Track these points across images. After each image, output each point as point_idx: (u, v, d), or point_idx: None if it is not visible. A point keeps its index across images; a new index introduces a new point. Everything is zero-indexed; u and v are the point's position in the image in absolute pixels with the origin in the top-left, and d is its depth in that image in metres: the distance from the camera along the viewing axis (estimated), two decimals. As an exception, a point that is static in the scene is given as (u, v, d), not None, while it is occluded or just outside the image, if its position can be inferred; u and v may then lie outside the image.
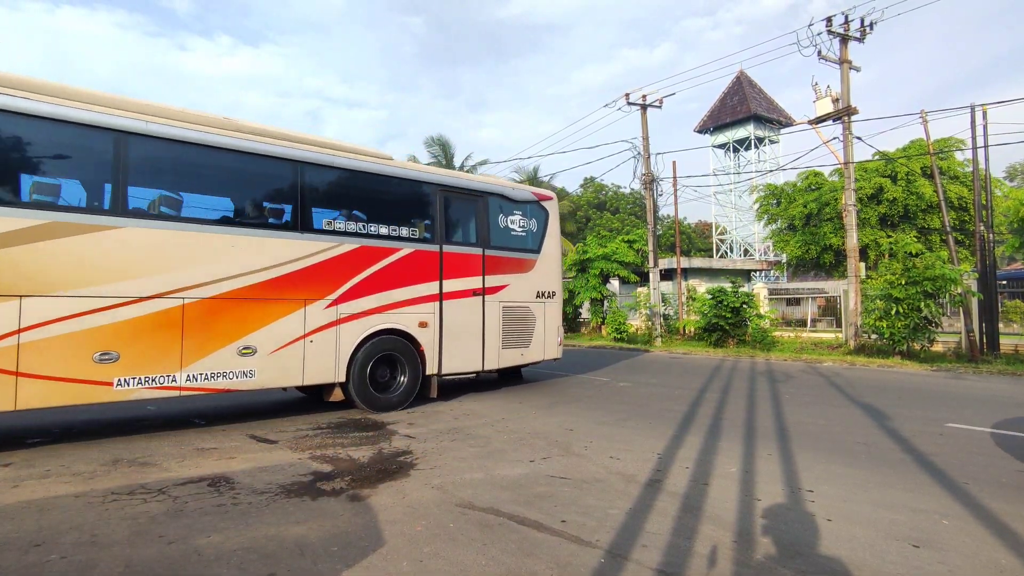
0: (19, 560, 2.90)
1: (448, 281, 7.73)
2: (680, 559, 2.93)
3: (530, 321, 8.69)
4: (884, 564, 2.86)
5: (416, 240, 7.51)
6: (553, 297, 9.08)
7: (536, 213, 8.99)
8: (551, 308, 9.04)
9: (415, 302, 7.41)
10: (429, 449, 5.25)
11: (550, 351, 9.03)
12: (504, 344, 8.33)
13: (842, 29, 14.79)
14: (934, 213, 20.10)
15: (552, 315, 9.06)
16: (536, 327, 8.76)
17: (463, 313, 7.87)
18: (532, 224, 8.89)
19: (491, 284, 8.21)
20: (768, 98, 39.86)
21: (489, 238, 8.31)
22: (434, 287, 7.60)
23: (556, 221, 9.33)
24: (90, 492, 4.00)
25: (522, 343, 8.57)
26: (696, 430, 5.99)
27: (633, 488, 4.09)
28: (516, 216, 8.66)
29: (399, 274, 7.27)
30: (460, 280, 7.87)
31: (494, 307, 8.23)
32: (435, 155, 35.92)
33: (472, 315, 7.98)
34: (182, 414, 7.06)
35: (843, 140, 15.21)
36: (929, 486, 4.15)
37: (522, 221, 8.74)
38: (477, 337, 8.03)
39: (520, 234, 8.72)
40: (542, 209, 9.10)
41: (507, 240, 8.53)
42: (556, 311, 9.18)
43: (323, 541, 3.14)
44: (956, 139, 19.84)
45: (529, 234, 8.86)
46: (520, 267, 8.64)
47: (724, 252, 39.89)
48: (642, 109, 19.81)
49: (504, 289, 8.38)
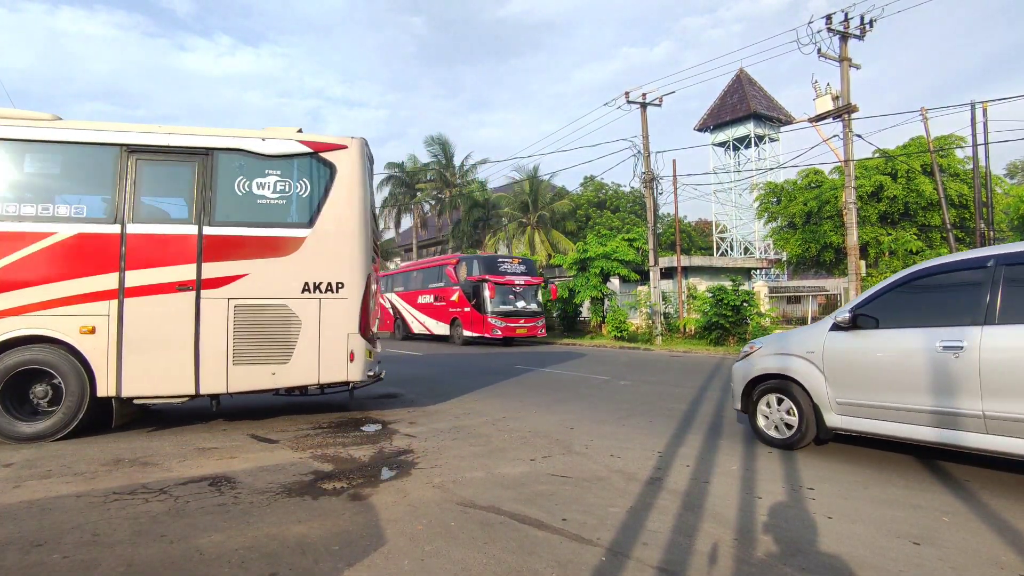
0: (21, 560, 2.91)
1: (135, 272, 5.78)
2: (681, 557, 2.94)
3: (289, 326, 6.04)
4: (885, 561, 2.87)
5: (81, 220, 5.83)
6: (338, 291, 6.21)
7: (311, 171, 6.31)
8: (335, 308, 6.19)
9: (76, 300, 5.64)
10: (430, 448, 5.25)
11: (333, 370, 6.15)
12: (237, 359, 5.91)
13: (842, 27, 14.78)
14: (934, 211, 20.09)
15: (337, 318, 6.17)
16: (302, 336, 6.05)
17: (160, 315, 5.80)
18: (302, 187, 6.28)
19: (214, 274, 5.96)
20: (768, 96, 39.84)
21: (214, 210, 6.04)
22: (110, 280, 5.72)
23: (356, 179, 6.40)
24: (91, 492, 4.00)
25: (272, 358, 6.01)
26: (697, 428, 5.99)
27: (634, 486, 4.10)
28: (270, 177, 6.18)
29: (52, 265, 5.62)
30: (156, 270, 5.85)
31: (218, 306, 5.92)
32: (435, 154, 35.96)
33: (177, 317, 5.84)
34: (183, 414, 7.07)
35: (843, 138, 15.20)
36: (929, 483, 4.15)
37: (281, 184, 6.21)
38: (186, 348, 5.82)
39: (276, 202, 6.21)
40: (323, 165, 6.34)
41: (250, 212, 6.13)
42: (346, 312, 6.22)
43: (324, 540, 3.15)
44: (956, 136, 19.85)
45: (294, 201, 6.28)
46: (272, 249, 6.12)
47: (724, 250, 39.88)
48: (642, 107, 19.80)
49: (239, 281, 6.00)
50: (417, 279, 23.78)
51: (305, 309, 6.11)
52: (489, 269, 19.87)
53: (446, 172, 35.77)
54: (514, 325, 19.47)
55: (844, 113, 15.04)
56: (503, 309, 19.48)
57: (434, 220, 38.56)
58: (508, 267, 20.47)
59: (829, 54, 15.02)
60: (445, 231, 37.17)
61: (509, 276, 20.08)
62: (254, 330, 5.99)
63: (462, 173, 35.91)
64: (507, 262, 20.86)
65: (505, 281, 19.79)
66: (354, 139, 6.43)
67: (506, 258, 21.63)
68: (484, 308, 19.28)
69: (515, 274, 20.33)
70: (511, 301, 19.81)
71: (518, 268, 20.68)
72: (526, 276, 20.57)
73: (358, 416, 6.86)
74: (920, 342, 4.25)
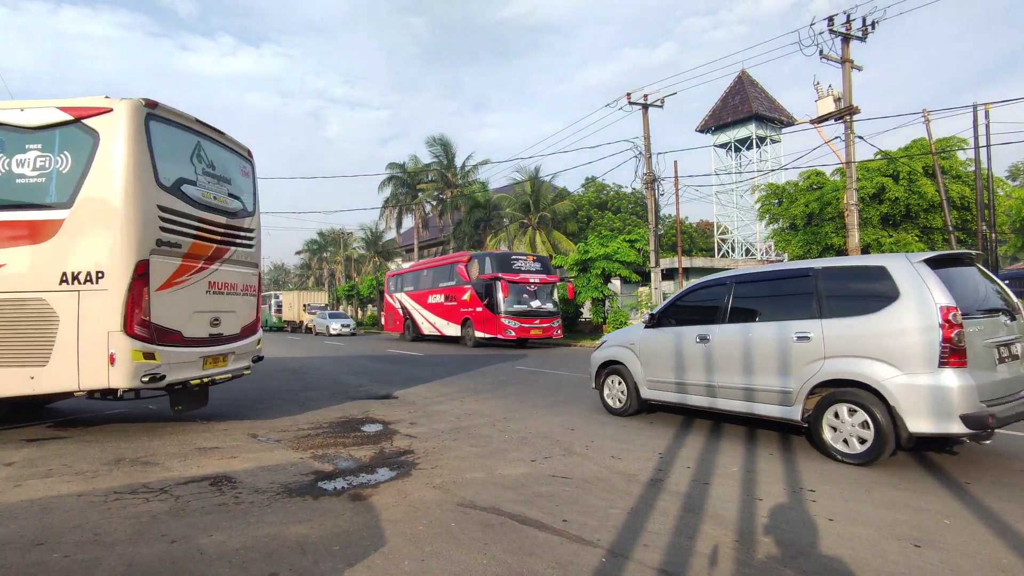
0: (22, 559, 2.91)
1: None
2: (682, 558, 2.93)
3: (47, 324, 5.15)
4: (886, 563, 2.86)
5: None
6: (98, 281, 5.19)
7: (73, 143, 5.36)
8: (94, 301, 5.18)
9: None
10: (431, 448, 5.25)
11: (93, 375, 5.17)
12: None
13: (844, 28, 14.77)
14: (936, 212, 20.05)
15: (96, 313, 5.17)
16: (60, 334, 5.14)
17: None
18: (63, 162, 5.33)
19: None
20: (770, 98, 39.79)
21: None
22: None
23: (123, 148, 5.31)
24: (92, 491, 4.01)
25: (30, 360, 5.16)
26: (697, 430, 5.98)
27: (635, 487, 4.09)
28: (31, 153, 5.34)
29: None
30: None
31: None
32: (436, 155, 35.96)
33: None
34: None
35: (845, 139, 15.19)
36: (930, 485, 4.14)
37: (42, 160, 5.34)
38: None
39: (35, 181, 5.32)
40: (86, 135, 5.36)
41: (8, 193, 5.33)
42: (106, 306, 5.18)
43: (325, 540, 3.15)
44: (958, 138, 19.80)
45: (53, 179, 5.33)
46: (28, 235, 5.27)
47: (726, 252, 39.83)
48: (643, 108, 19.79)
49: None
50: (427, 278, 22.74)
51: (64, 303, 5.21)
52: (502, 267, 18.86)
53: (447, 173, 35.79)
54: (528, 326, 18.39)
55: (846, 115, 15.02)
56: (517, 309, 18.40)
57: (435, 221, 38.57)
58: (522, 264, 19.38)
59: (831, 55, 15.01)
60: (446, 232, 37.17)
61: (523, 274, 18.98)
62: (8, 329, 5.20)
63: (463, 174, 35.92)
64: (521, 259, 19.76)
65: (519, 279, 18.70)
66: (123, 101, 5.41)
67: (520, 255, 20.45)
68: (497, 308, 18.24)
69: (530, 272, 19.20)
70: (525, 300, 18.71)
71: (533, 266, 19.59)
72: (541, 274, 19.48)
73: (359, 416, 6.86)
74: (688, 335, 5.89)
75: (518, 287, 18.67)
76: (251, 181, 7.05)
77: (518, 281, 18.69)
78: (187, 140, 6.00)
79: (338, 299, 48.13)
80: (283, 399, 8.27)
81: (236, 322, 6.59)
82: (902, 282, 4.45)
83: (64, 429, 6.14)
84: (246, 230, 6.72)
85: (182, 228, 5.72)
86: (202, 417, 6.81)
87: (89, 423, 6.47)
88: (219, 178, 6.36)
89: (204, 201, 6.03)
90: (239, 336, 6.61)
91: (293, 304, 39.15)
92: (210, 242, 6.10)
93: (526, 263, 19.55)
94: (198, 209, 5.92)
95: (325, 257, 59.93)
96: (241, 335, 6.65)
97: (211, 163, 6.26)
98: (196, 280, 5.94)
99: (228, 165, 6.59)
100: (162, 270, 5.52)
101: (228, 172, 6.55)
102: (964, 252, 5.13)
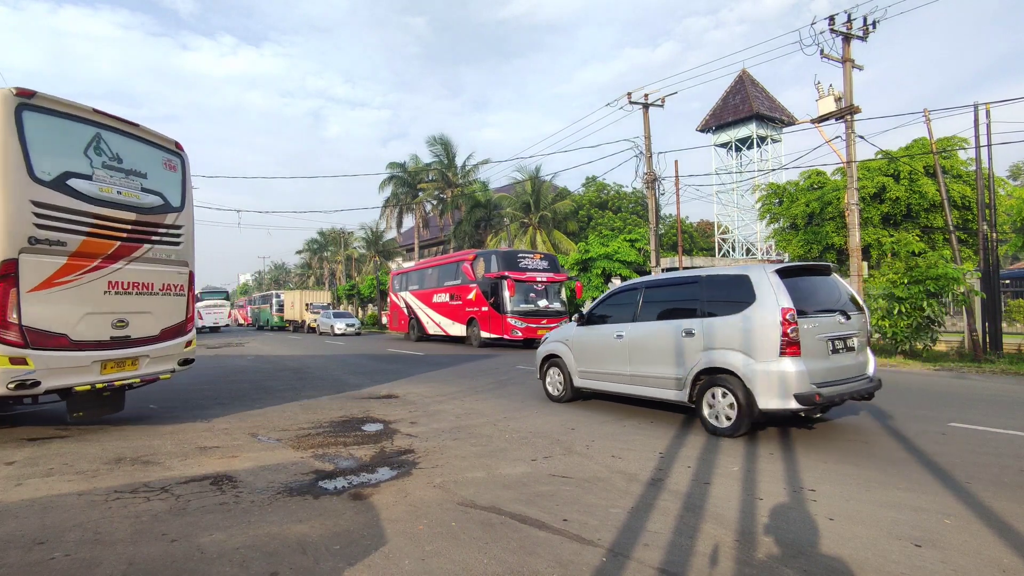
0: (23, 558, 2.91)
1: None
2: (682, 558, 2.93)
3: None
4: (886, 563, 2.86)
5: None
6: None
7: None
8: None
9: None
10: (431, 448, 5.25)
11: None
12: None
13: (845, 28, 14.75)
14: (937, 212, 20.04)
15: None
16: None
17: None
18: None
19: None
20: (770, 97, 39.76)
21: None
22: None
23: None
24: (93, 490, 4.01)
25: None
26: (698, 429, 5.98)
27: (635, 487, 4.09)
28: None
29: None
30: None
31: None
32: (437, 154, 35.98)
33: None
34: (183, 413, 7.08)
35: (846, 139, 15.16)
36: (931, 485, 4.14)
37: None
38: None
39: None
40: None
41: None
42: None
43: (325, 540, 3.15)
44: (959, 138, 19.78)
45: None
46: None
47: (726, 251, 39.81)
48: (644, 108, 19.79)
49: None
50: (432, 277, 22.21)
51: None
52: (509, 265, 18.31)
53: (448, 172, 35.79)
54: (535, 326, 17.77)
55: (847, 114, 15.00)
56: (523, 308, 17.91)
57: (436, 220, 38.58)
58: (529, 263, 18.85)
59: (832, 55, 14.99)
60: (447, 231, 37.17)
61: (530, 272, 18.44)
62: None
63: (464, 173, 35.92)
64: (528, 257, 19.23)
65: (526, 278, 18.18)
66: None
67: (528, 253, 19.92)
68: (503, 307, 17.73)
69: (537, 270, 18.67)
70: (532, 300, 18.22)
71: (540, 264, 19.07)
72: (549, 272, 18.95)
73: (359, 416, 6.86)
74: (609, 332, 6.88)
75: (525, 286, 18.21)
76: (179, 175, 6.65)
77: (525, 280, 18.23)
78: (80, 132, 5.60)
79: (339, 299, 48.16)
80: (284, 399, 8.27)
81: (152, 324, 6.22)
82: (758, 288, 5.42)
83: (65, 428, 6.14)
84: (168, 227, 6.37)
85: (66, 225, 5.36)
86: (203, 417, 6.81)
87: (89, 423, 6.47)
88: (128, 172, 5.99)
89: (102, 196, 5.67)
90: (157, 339, 6.24)
91: (295, 303, 39.15)
92: (110, 239, 5.74)
93: (533, 261, 19.11)
94: (92, 205, 5.57)
95: (325, 256, 59.96)
96: (160, 337, 6.27)
97: (116, 156, 5.90)
98: (89, 280, 5.58)
99: (143, 159, 6.21)
100: (38, 269, 5.16)
101: (142, 166, 6.17)
102: (822, 264, 6.11)
